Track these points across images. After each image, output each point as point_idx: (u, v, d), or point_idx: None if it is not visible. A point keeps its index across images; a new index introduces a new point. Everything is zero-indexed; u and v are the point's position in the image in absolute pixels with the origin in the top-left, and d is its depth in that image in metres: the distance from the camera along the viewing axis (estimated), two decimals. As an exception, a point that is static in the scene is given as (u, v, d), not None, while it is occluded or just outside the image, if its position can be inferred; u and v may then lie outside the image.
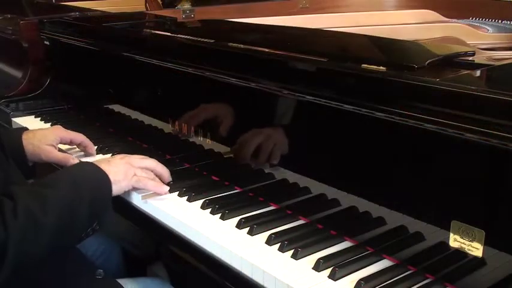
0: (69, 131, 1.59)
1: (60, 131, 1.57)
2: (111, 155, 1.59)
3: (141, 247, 1.78)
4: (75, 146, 1.62)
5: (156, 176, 1.36)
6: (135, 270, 1.67)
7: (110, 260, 1.62)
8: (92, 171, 1.25)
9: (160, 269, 1.74)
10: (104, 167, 1.26)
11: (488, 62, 1.29)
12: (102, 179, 1.24)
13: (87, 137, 1.65)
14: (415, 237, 1.04)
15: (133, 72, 1.73)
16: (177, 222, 1.24)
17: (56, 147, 1.53)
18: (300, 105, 1.20)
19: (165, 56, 1.53)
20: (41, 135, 1.52)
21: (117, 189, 1.26)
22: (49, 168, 1.54)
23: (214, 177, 1.43)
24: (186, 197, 1.32)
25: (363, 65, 1.10)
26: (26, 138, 1.49)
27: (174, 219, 1.24)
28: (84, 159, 1.55)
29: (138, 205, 1.34)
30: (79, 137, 1.59)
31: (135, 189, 1.33)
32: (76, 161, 1.50)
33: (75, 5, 2.76)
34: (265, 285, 1.03)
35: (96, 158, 1.56)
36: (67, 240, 1.18)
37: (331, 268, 1.02)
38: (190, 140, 1.50)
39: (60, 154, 1.52)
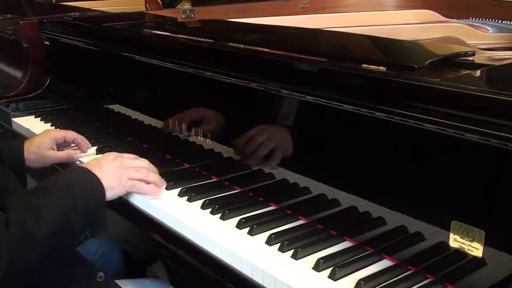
0: (59, 130, 1.64)
1: (52, 133, 1.62)
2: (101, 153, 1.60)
3: (141, 248, 1.77)
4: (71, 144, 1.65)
5: None
6: (134, 272, 1.67)
7: (109, 261, 1.61)
8: (86, 179, 1.23)
9: (160, 270, 1.73)
10: (98, 172, 1.25)
11: (488, 62, 1.29)
12: (96, 187, 1.23)
13: (87, 137, 1.66)
14: (415, 237, 1.04)
15: (134, 72, 1.73)
16: (177, 222, 1.23)
17: (55, 149, 1.58)
18: (300, 105, 1.20)
19: (165, 56, 1.53)
20: (38, 142, 1.57)
21: (111, 195, 1.26)
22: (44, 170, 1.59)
23: (214, 177, 1.43)
24: (186, 197, 1.32)
25: (363, 65, 1.10)
26: (26, 148, 1.54)
27: (174, 219, 1.24)
28: (80, 156, 1.60)
29: (138, 205, 1.34)
30: (70, 134, 1.62)
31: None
32: (78, 153, 1.59)
33: (75, 5, 2.76)
34: (265, 285, 1.03)
35: (93, 151, 1.63)
36: (60, 249, 1.17)
37: (331, 268, 1.02)
38: (190, 140, 1.50)
39: (62, 153, 1.58)
